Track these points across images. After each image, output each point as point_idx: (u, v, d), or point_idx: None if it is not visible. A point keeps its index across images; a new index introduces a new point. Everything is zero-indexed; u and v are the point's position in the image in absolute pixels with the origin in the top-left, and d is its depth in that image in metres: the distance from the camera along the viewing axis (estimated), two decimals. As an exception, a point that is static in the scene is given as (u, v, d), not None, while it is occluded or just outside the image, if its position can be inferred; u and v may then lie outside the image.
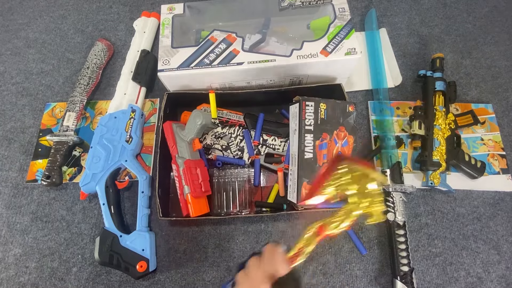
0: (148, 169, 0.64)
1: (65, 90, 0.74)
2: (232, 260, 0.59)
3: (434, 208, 0.62)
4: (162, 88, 0.69)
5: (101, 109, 0.71)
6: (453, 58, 0.76)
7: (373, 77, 0.73)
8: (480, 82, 0.73)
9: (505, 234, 0.60)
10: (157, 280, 0.57)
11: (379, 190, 0.38)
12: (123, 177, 0.64)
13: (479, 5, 0.83)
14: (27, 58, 0.79)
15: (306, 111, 0.56)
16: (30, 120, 0.71)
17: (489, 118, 0.69)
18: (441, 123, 0.64)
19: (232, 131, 0.63)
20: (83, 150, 0.67)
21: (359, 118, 0.70)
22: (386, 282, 0.57)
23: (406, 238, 0.56)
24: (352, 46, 0.59)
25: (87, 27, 0.83)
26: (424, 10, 0.83)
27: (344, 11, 0.63)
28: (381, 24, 0.81)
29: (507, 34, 0.79)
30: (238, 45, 0.60)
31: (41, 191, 0.65)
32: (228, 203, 0.59)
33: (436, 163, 0.61)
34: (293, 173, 0.57)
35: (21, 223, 0.62)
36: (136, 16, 0.82)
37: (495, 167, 0.65)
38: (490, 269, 0.58)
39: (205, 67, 0.59)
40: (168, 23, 0.64)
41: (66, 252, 0.59)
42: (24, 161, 0.67)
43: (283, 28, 0.69)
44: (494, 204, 0.62)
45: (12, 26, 0.83)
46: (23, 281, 0.58)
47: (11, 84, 0.76)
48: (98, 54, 0.75)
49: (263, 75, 0.63)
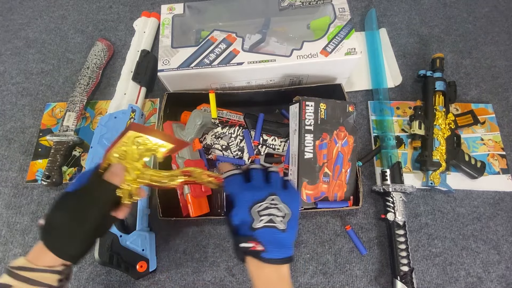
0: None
1: (65, 90, 0.74)
2: (232, 260, 0.59)
3: (434, 208, 0.62)
4: (162, 88, 0.69)
5: (101, 109, 0.71)
6: (453, 58, 0.76)
7: (373, 77, 0.73)
8: (480, 82, 0.73)
9: (505, 234, 0.60)
10: (157, 280, 0.57)
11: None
12: (123, 177, 0.64)
13: (479, 5, 0.83)
14: (27, 58, 0.79)
15: (306, 111, 0.56)
16: (30, 120, 0.71)
17: (489, 118, 0.69)
18: (441, 123, 0.64)
19: (232, 131, 0.63)
20: (83, 150, 0.67)
21: (359, 118, 0.70)
22: (386, 282, 0.57)
23: (406, 238, 0.56)
24: (352, 46, 0.59)
25: (87, 27, 0.83)
26: (424, 10, 0.83)
27: (344, 11, 0.63)
28: (381, 24, 0.81)
29: (507, 34, 0.79)
30: (238, 45, 0.60)
31: (41, 191, 0.65)
32: (228, 203, 0.59)
33: (436, 163, 0.61)
34: (293, 173, 0.57)
35: (21, 223, 0.62)
36: (136, 16, 0.82)
37: (495, 167, 0.65)
38: (490, 269, 0.58)
39: (205, 67, 0.59)
40: (168, 23, 0.64)
41: (66, 252, 0.59)
42: (24, 161, 0.67)
43: (283, 28, 0.69)
44: (494, 204, 0.62)
45: (12, 26, 0.83)
46: (23, 281, 0.57)
47: (11, 84, 0.76)
48: (98, 54, 0.75)
49: (263, 75, 0.63)
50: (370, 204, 0.63)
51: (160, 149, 0.40)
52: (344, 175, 0.58)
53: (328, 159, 0.57)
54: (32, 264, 0.34)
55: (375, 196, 0.63)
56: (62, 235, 0.35)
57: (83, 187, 0.37)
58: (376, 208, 0.62)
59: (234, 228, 0.36)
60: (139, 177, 0.40)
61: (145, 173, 0.40)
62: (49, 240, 0.35)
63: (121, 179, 0.38)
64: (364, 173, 0.65)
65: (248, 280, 0.57)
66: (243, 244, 0.34)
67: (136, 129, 0.38)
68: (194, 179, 0.41)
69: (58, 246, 0.35)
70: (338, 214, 0.62)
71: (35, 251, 0.36)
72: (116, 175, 0.37)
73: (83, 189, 0.37)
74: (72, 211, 0.35)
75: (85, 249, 0.37)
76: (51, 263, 0.35)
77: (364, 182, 0.64)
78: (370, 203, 0.63)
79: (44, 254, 0.35)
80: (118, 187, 0.37)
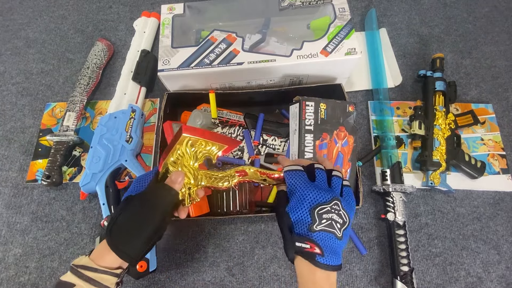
0: (148, 169, 0.64)
1: (65, 90, 0.74)
2: (232, 260, 0.59)
3: (434, 208, 0.62)
4: (162, 88, 0.69)
5: (101, 109, 0.71)
6: (453, 58, 0.76)
7: (373, 77, 0.73)
8: (480, 82, 0.73)
9: (505, 234, 0.60)
10: (157, 280, 0.57)
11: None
12: (123, 177, 0.64)
13: (479, 5, 0.83)
14: (27, 58, 0.79)
15: (306, 111, 0.56)
16: (30, 120, 0.71)
17: (489, 118, 0.69)
18: (441, 123, 0.64)
19: (232, 131, 0.63)
20: (83, 150, 0.67)
21: (359, 118, 0.70)
22: (386, 282, 0.57)
23: (406, 238, 0.56)
24: (352, 46, 0.59)
25: (87, 27, 0.83)
26: (424, 10, 0.83)
27: (344, 11, 0.63)
28: (381, 24, 0.81)
29: (507, 34, 0.79)
30: (238, 45, 0.60)
31: (41, 191, 0.65)
32: (228, 203, 0.59)
33: (436, 163, 0.61)
34: (293, 173, 0.57)
35: (21, 223, 0.62)
36: (136, 16, 0.82)
37: (495, 167, 0.65)
38: (490, 269, 0.58)
39: (205, 67, 0.59)
40: (168, 23, 0.64)
41: (66, 252, 0.59)
42: (24, 161, 0.67)
43: (283, 28, 0.69)
44: (494, 204, 0.62)
45: (12, 26, 0.83)
46: (23, 281, 0.58)
47: (11, 84, 0.76)
48: (98, 54, 0.75)
49: (263, 75, 0.63)
50: (370, 204, 0.63)
51: (213, 150, 0.41)
52: (344, 175, 0.58)
53: (328, 159, 0.57)
54: (94, 263, 0.35)
55: (375, 196, 0.63)
56: (125, 236, 0.36)
57: (146, 192, 0.38)
58: (376, 208, 0.62)
59: (289, 223, 0.36)
60: (196, 179, 0.40)
61: (201, 175, 0.41)
62: (112, 239, 0.36)
63: (181, 184, 0.39)
64: (364, 173, 0.65)
65: (248, 280, 0.57)
66: (300, 243, 0.34)
67: (188, 132, 0.38)
68: (249, 178, 0.41)
69: (121, 246, 0.36)
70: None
71: (98, 250, 0.37)
72: (176, 182, 0.38)
73: (146, 193, 0.38)
74: (136, 214, 0.37)
75: (144, 251, 0.37)
76: (112, 264, 0.36)
77: (364, 182, 0.64)
78: (370, 203, 0.63)
79: (106, 254, 0.36)
80: (179, 192, 0.39)
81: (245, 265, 0.58)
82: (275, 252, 0.59)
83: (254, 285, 0.57)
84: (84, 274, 0.34)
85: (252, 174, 0.41)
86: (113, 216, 0.37)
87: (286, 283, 0.57)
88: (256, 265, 0.58)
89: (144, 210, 0.37)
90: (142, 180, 0.40)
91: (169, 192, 0.38)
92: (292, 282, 0.57)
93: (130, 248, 0.36)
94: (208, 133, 0.40)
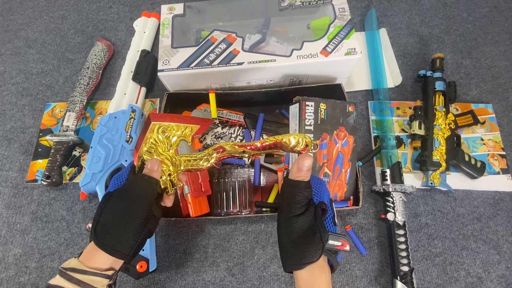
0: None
1: (65, 90, 0.74)
2: (232, 260, 0.59)
3: (434, 208, 0.62)
4: (162, 88, 0.69)
5: (101, 109, 0.71)
6: (453, 58, 0.76)
7: (373, 77, 0.73)
8: (480, 82, 0.73)
9: (505, 234, 0.60)
10: (157, 280, 0.57)
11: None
12: (123, 177, 0.64)
13: (479, 5, 0.83)
14: (27, 58, 0.79)
15: (306, 111, 0.56)
16: (30, 120, 0.71)
17: (489, 118, 0.69)
18: (441, 123, 0.64)
19: (232, 131, 0.63)
20: (83, 150, 0.67)
21: (359, 118, 0.70)
22: (386, 282, 0.57)
23: (406, 238, 0.56)
24: (352, 46, 0.59)
25: (87, 27, 0.83)
26: (424, 10, 0.83)
27: (344, 11, 0.63)
28: (381, 24, 0.81)
29: (507, 34, 0.79)
30: (238, 45, 0.60)
31: (41, 191, 0.65)
32: (228, 203, 0.59)
33: (436, 163, 0.61)
34: (293, 173, 0.57)
35: (21, 223, 0.62)
36: (136, 16, 0.82)
37: (495, 167, 0.65)
38: (490, 269, 0.58)
39: (205, 67, 0.59)
40: (168, 23, 0.64)
41: (66, 252, 0.59)
42: (24, 161, 0.67)
43: (283, 28, 0.69)
44: (494, 204, 0.62)
45: (12, 26, 0.83)
46: (23, 281, 0.58)
47: (11, 84, 0.76)
48: (98, 54, 0.75)
49: (263, 75, 0.63)
50: (370, 204, 0.63)
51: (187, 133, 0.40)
52: (344, 175, 0.58)
53: (328, 159, 0.57)
54: (83, 265, 0.34)
55: (375, 196, 0.63)
56: (112, 232, 0.35)
57: (125, 185, 0.38)
58: (376, 208, 0.62)
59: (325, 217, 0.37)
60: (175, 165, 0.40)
61: (179, 160, 0.40)
62: (99, 238, 0.35)
63: (159, 172, 0.38)
64: (364, 173, 0.65)
65: (248, 280, 0.57)
66: (333, 241, 0.34)
67: (156, 118, 0.38)
68: (228, 153, 0.40)
69: (109, 243, 0.35)
70: (338, 214, 0.62)
71: (87, 252, 0.36)
72: (153, 169, 0.38)
73: (125, 187, 0.37)
74: (118, 209, 0.36)
75: (135, 245, 0.37)
76: (102, 265, 0.35)
77: (364, 182, 0.64)
78: (370, 203, 0.63)
79: (95, 254, 0.35)
80: (158, 180, 0.38)
81: (245, 265, 0.58)
82: (275, 252, 0.59)
83: (254, 285, 0.57)
84: (73, 277, 0.33)
85: (230, 148, 0.40)
86: (95, 216, 0.36)
87: (286, 283, 0.57)
88: (256, 265, 0.58)
89: (126, 204, 0.36)
90: (119, 177, 0.39)
91: (149, 181, 0.37)
92: (292, 282, 0.57)
93: (119, 244, 0.35)
94: (177, 117, 0.39)
